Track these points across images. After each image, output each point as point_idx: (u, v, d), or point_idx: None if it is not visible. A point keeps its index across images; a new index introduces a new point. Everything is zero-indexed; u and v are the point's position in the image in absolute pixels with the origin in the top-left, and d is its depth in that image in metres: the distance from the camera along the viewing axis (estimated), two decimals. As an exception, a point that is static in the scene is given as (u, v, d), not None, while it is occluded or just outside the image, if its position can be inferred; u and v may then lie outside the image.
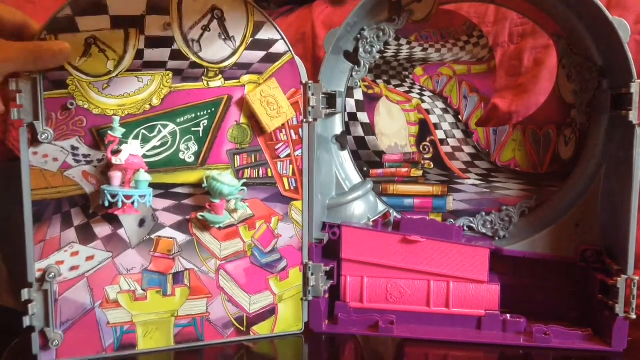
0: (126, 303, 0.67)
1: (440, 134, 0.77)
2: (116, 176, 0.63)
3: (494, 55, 0.75)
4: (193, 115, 0.67)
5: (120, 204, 0.63)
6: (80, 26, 0.62)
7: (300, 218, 0.71)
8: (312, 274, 0.71)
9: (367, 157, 0.78)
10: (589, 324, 0.70)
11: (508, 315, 0.71)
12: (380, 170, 0.78)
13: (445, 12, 0.74)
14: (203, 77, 0.66)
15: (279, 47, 0.68)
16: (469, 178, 0.76)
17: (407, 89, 0.77)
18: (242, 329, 0.70)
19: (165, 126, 0.66)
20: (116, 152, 0.63)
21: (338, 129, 0.78)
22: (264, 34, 0.67)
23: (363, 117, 0.78)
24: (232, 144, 0.68)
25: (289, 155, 0.70)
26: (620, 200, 0.66)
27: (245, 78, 0.68)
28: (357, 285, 0.73)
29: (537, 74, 0.74)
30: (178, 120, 0.66)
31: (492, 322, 0.71)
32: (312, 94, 0.69)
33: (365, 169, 0.78)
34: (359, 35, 0.74)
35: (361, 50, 0.75)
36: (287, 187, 0.70)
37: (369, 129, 0.78)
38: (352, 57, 0.76)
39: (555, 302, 0.73)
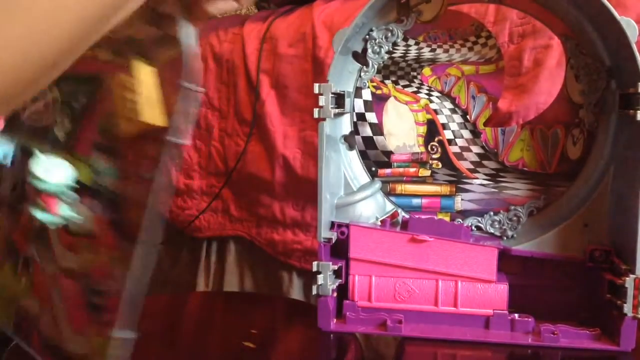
0: None
1: (448, 134, 0.77)
2: None
3: (502, 56, 0.75)
4: None
5: None
6: None
7: None
8: (321, 273, 0.72)
9: (375, 157, 0.79)
10: (597, 324, 0.70)
11: (516, 315, 0.71)
12: (388, 170, 0.79)
13: (453, 12, 0.74)
14: None
15: None
16: (477, 178, 0.76)
17: (415, 89, 0.77)
18: None
19: None
20: None
21: (346, 129, 0.78)
22: None
23: (371, 117, 0.78)
24: None
25: None
26: (628, 200, 0.66)
27: None
28: (365, 284, 0.74)
29: (537, 74, 0.75)
30: None
31: (500, 322, 0.71)
32: (321, 94, 0.70)
33: (373, 168, 0.79)
34: (367, 36, 0.75)
35: (370, 50, 0.75)
36: None
37: (377, 129, 0.78)
38: (361, 57, 0.76)
39: (563, 302, 0.73)
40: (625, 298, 0.65)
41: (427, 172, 0.78)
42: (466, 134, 0.77)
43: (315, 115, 0.70)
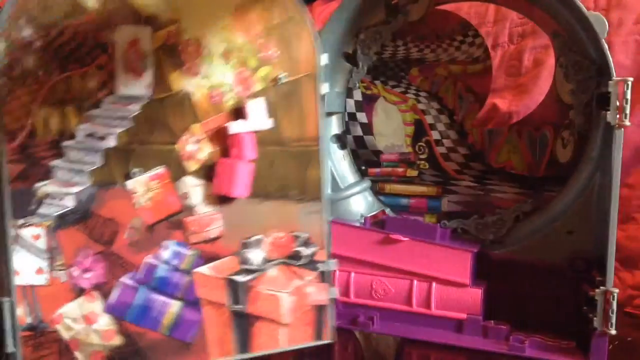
0: None
1: (435, 135, 0.76)
2: None
3: (489, 55, 0.73)
4: None
5: None
6: None
7: None
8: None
9: (365, 156, 0.80)
10: (574, 336, 0.66)
11: (492, 322, 0.69)
12: (377, 170, 0.79)
13: (440, 12, 0.74)
14: None
15: None
16: (463, 179, 0.75)
17: (404, 90, 0.77)
18: None
19: None
20: None
21: (336, 128, 0.80)
22: None
23: (362, 117, 0.79)
24: None
25: None
26: (606, 206, 0.62)
27: None
28: (344, 280, 0.75)
29: (537, 74, 0.72)
30: None
31: (473, 327, 0.70)
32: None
33: (363, 167, 0.80)
34: (356, 37, 0.76)
35: (359, 51, 0.77)
36: None
37: (367, 128, 0.79)
38: (351, 58, 0.78)
39: (546, 311, 0.70)
40: (595, 311, 0.61)
41: (415, 173, 0.77)
42: (453, 134, 0.75)
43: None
